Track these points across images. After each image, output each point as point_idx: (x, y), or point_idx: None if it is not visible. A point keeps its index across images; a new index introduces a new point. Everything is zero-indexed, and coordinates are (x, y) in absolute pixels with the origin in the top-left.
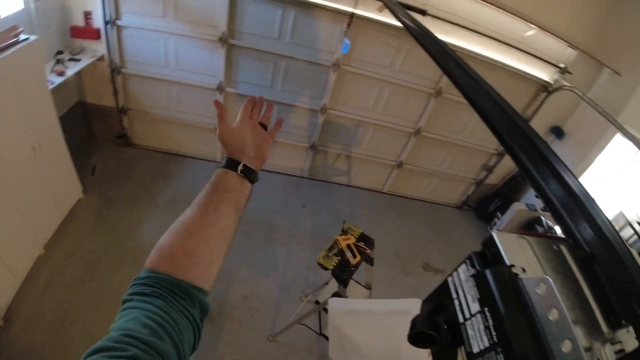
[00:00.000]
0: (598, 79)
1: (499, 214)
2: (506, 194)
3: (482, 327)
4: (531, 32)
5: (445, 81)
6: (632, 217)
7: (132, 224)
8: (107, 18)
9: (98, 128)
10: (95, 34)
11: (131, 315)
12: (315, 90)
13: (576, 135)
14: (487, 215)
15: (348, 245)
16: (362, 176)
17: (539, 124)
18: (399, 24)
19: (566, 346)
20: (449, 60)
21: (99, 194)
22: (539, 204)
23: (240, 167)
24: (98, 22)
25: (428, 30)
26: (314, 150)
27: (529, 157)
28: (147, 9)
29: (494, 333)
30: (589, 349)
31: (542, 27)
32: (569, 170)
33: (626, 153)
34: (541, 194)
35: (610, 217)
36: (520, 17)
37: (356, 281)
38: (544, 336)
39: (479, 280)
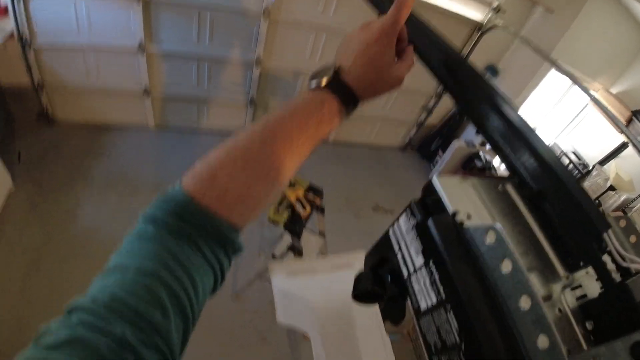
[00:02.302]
0: (531, 17)
1: (440, 152)
2: (446, 132)
3: (427, 281)
4: None
5: None
6: (567, 148)
7: (69, 208)
8: None
9: (17, 111)
10: (2, 11)
11: (138, 263)
12: (247, 41)
13: (511, 73)
14: (430, 154)
15: (297, 198)
16: None
17: (475, 63)
18: None
19: (524, 302)
20: None
21: (29, 181)
22: (477, 140)
23: (352, 109)
24: None
25: None
26: (253, 106)
27: (468, 93)
28: None
29: (441, 288)
30: (547, 299)
31: None
32: (507, 103)
33: (560, 87)
34: (482, 129)
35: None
36: None
37: (310, 230)
38: (498, 292)
39: (422, 231)
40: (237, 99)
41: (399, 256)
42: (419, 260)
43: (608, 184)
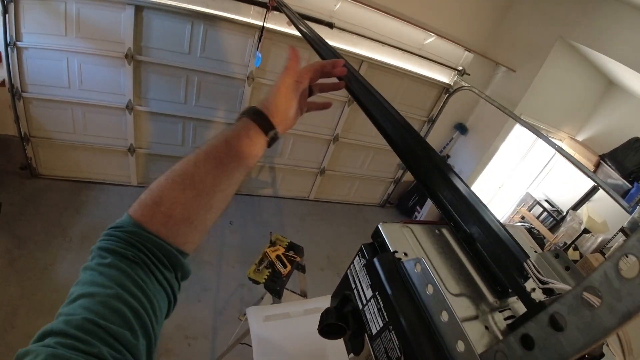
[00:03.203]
0: (495, 77)
1: (418, 207)
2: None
3: (375, 309)
4: (430, 39)
5: None
6: (539, 196)
7: (46, 264)
8: (8, 40)
9: (1, 160)
10: None
11: (102, 289)
12: (231, 104)
13: (479, 129)
14: (408, 210)
15: (278, 256)
16: (287, 186)
17: (444, 122)
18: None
19: (444, 316)
20: (347, 74)
21: (8, 233)
22: None
23: (272, 134)
24: None
25: (326, 44)
26: None
27: (425, 170)
28: (49, 27)
29: (385, 313)
30: (474, 318)
31: (439, 34)
32: (459, 177)
33: (527, 139)
34: (434, 199)
35: (518, 199)
36: (420, 26)
37: (291, 291)
38: (425, 310)
39: (369, 268)
40: None
41: (355, 292)
42: (369, 293)
43: (582, 227)
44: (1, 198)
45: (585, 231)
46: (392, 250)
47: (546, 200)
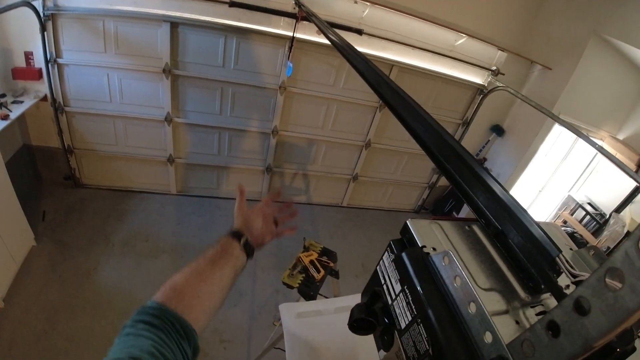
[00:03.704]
0: (530, 75)
1: (454, 213)
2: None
3: (404, 304)
4: (461, 40)
5: None
6: (581, 199)
7: (88, 269)
8: (49, 57)
9: (45, 171)
10: (36, 74)
11: (137, 342)
12: (265, 113)
13: (516, 131)
14: (444, 215)
15: (311, 261)
16: (320, 192)
17: (480, 125)
18: None
19: (472, 308)
20: (376, 77)
21: (51, 240)
22: None
23: (243, 240)
24: (39, 61)
25: (356, 51)
26: (270, 172)
27: (461, 174)
28: (88, 45)
29: (413, 307)
30: (504, 312)
31: (470, 35)
32: (495, 180)
33: (567, 140)
34: (470, 203)
35: (560, 202)
36: (450, 28)
37: (324, 296)
38: (453, 302)
39: (398, 263)
40: (254, 166)
41: (384, 287)
42: (398, 287)
43: (625, 230)
44: (46, 207)
45: (629, 234)
46: (420, 245)
47: (589, 203)
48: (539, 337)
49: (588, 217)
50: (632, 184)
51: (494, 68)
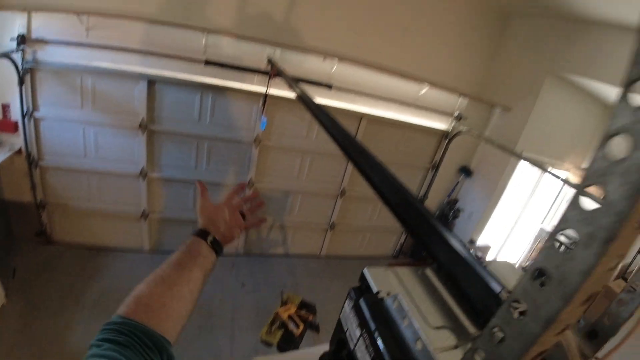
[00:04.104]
0: (492, 117)
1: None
2: None
3: (364, 347)
4: (424, 90)
5: None
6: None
7: (59, 330)
8: (25, 110)
9: (17, 226)
10: (12, 127)
11: None
12: (240, 166)
13: (483, 170)
14: (423, 259)
15: (289, 316)
16: (298, 243)
17: (448, 167)
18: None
19: (419, 345)
20: (337, 131)
21: (22, 298)
22: (466, 239)
23: (210, 238)
24: (16, 114)
25: (314, 102)
26: None
27: (421, 229)
28: (65, 100)
29: (371, 349)
30: (454, 347)
31: (432, 84)
32: (455, 236)
33: (534, 174)
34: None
35: (533, 236)
36: (413, 79)
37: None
38: (404, 341)
39: (357, 309)
40: None
41: (347, 334)
42: (358, 332)
43: None
44: (17, 264)
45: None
46: (375, 291)
47: (562, 234)
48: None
49: (563, 247)
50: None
51: (456, 113)
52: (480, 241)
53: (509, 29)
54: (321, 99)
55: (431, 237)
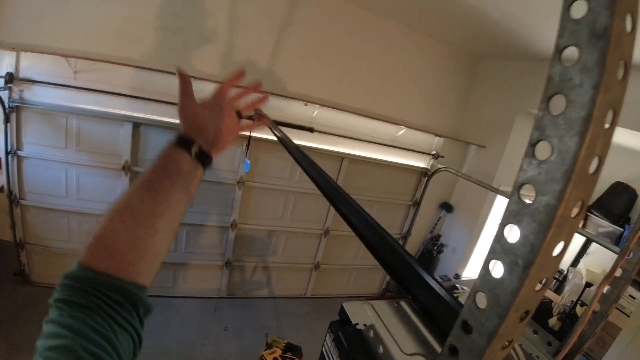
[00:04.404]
0: (467, 155)
1: None
2: None
3: None
4: (402, 131)
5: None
6: None
7: None
8: (9, 148)
9: None
10: None
11: (63, 341)
12: (224, 207)
13: (463, 205)
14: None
15: (275, 359)
16: (282, 285)
17: (429, 204)
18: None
19: None
20: (316, 173)
21: (1, 340)
22: (451, 273)
23: (194, 149)
24: (0, 151)
25: (294, 144)
26: (229, 267)
27: (401, 271)
28: (50, 139)
29: None
30: None
31: (409, 126)
32: (430, 275)
33: None
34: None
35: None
36: (391, 122)
37: None
38: None
39: (337, 341)
40: (213, 261)
41: None
42: None
43: (584, 281)
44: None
45: (588, 285)
46: (353, 323)
47: None
48: None
49: (494, 272)
50: (582, 239)
51: (434, 152)
52: (465, 275)
53: (480, 71)
54: (303, 142)
55: (408, 276)
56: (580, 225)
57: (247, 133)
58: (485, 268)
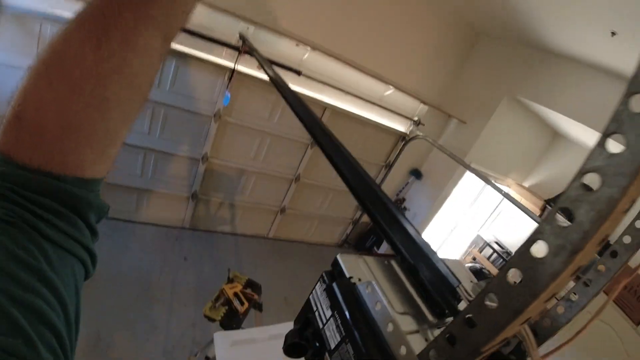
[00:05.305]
0: (447, 127)
1: (375, 248)
2: None
3: (334, 327)
4: (389, 91)
5: None
6: (489, 238)
7: None
8: None
9: None
10: None
11: None
12: (196, 139)
13: (432, 175)
14: (366, 250)
15: (235, 293)
16: (246, 223)
17: (401, 168)
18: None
19: (390, 327)
20: (308, 116)
21: None
22: None
23: None
24: None
25: (289, 88)
26: (195, 200)
27: (380, 214)
28: (21, 47)
29: (342, 329)
30: (415, 332)
31: (398, 88)
32: (409, 221)
33: (478, 184)
34: (387, 239)
35: (469, 241)
36: (381, 79)
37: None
38: (374, 323)
39: (329, 292)
40: (179, 192)
41: (317, 314)
42: (329, 313)
43: None
44: None
45: None
46: (348, 276)
47: (496, 242)
48: (441, 346)
49: (495, 254)
50: (536, 226)
51: (416, 118)
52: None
53: (477, 47)
54: (289, 84)
55: (391, 225)
56: (538, 214)
57: (232, 64)
58: (527, 246)
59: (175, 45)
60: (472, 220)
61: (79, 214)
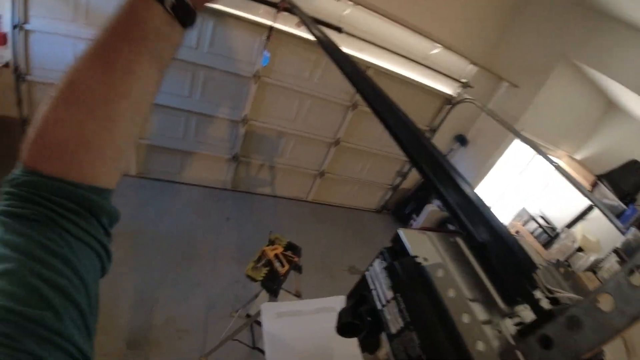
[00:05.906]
0: (497, 91)
1: (414, 215)
2: (420, 197)
3: (396, 310)
4: (436, 50)
5: None
6: (534, 212)
7: None
8: (16, 21)
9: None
10: (2, 39)
11: (7, 265)
12: (236, 101)
13: (479, 142)
14: (404, 217)
15: (276, 255)
16: (286, 186)
17: (445, 133)
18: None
19: (465, 318)
20: (358, 77)
21: None
22: None
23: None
24: (6, 26)
25: (339, 49)
26: (236, 162)
27: (433, 172)
28: (57, 12)
29: (406, 314)
30: (488, 322)
31: (445, 46)
32: (466, 181)
33: (526, 154)
34: (443, 201)
35: (514, 213)
36: (427, 37)
37: (286, 290)
38: (446, 311)
39: (391, 271)
40: (221, 154)
41: (374, 293)
42: (389, 294)
43: (576, 246)
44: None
45: (579, 249)
46: (412, 255)
47: (541, 217)
48: (532, 349)
49: (540, 229)
50: (585, 202)
51: (464, 80)
52: None
53: (530, 6)
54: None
55: (444, 182)
56: (588, 189)
57: (270, 22)
58: (625, 273)
59: (214, 5)
60: (518, 192)
61: (94, 216)
